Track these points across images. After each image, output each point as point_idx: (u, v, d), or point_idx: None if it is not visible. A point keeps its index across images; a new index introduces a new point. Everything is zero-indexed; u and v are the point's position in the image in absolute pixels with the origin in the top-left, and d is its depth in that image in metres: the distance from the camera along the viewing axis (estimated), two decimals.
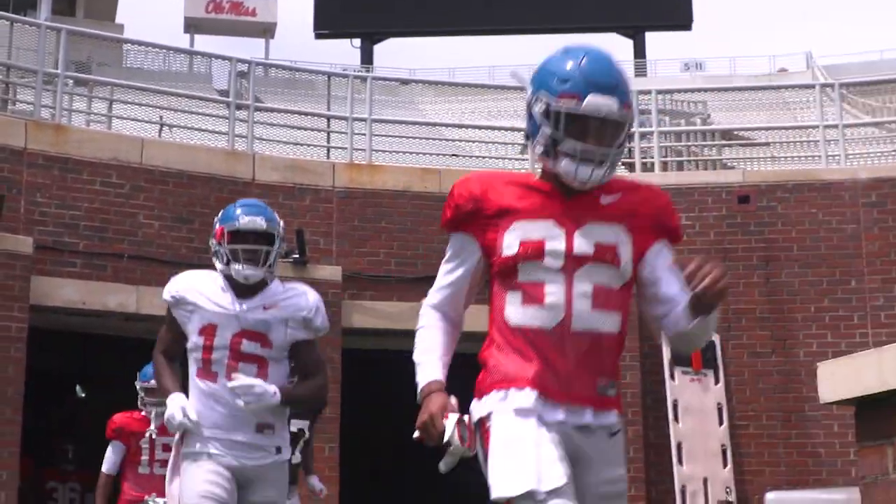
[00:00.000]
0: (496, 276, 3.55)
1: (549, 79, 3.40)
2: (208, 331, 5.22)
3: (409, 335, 13.22)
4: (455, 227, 3.70)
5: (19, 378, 11.08)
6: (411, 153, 14.98)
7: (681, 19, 42.45)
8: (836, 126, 14.31)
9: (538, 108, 3.43)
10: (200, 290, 5.32)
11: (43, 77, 12.98)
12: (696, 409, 12.69)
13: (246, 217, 5.39)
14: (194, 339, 5.25)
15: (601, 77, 3.32)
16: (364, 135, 13.99)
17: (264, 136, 14.61)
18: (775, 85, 26.05)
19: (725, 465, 12.60)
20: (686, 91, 21.51)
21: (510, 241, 3.43)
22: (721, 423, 12.70)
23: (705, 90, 22.53)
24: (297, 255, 12.27)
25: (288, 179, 13.08)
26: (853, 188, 13.19)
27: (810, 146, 15.20)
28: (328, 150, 14.84)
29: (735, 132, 17.75)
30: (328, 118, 15.48)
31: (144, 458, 8.32)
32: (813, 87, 17.01)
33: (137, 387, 8.81)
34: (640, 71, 42.17)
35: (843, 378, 3.39)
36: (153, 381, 8.75)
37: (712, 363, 12.84)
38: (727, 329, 12.97)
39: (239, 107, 13.93)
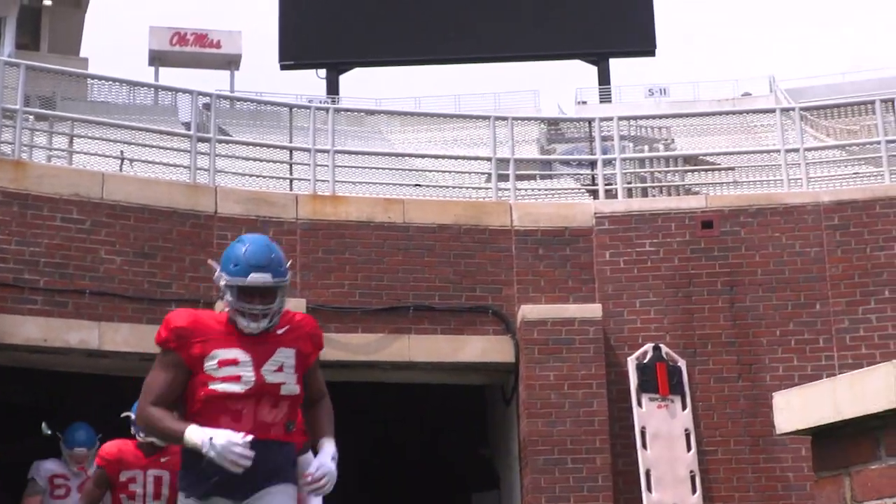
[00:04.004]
0: None
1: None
2: None
3: (375, 367, 13.14)
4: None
5: None
6: (374, 184, 14.96)
7: (644, 45, 42.71)
8: (797, 150, 14.37)
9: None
10: None
11: (3, 113, 12.90)
12: (664, 435, 12.68)
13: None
14: None
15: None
16: (327, 166, 13.96)
17: (227, 168, 14.55)
18: (736, 110, 26.20)
19: (694, 491, 12.57)
20: (649, 117, 21.58)
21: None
22: (689, 449, 12.68)
23: (667, 116, 22.62)
24: None
25: (250, 212, 13.02)
26: (816, 211, 13.23)
27: (772, 170, 15.26)
28: (291, 182, 14.79)
29: (699, 157, 17.81)
30: (291, 150, 15.43)
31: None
32: (773, 111, 17.07)
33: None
34: (605, 97, 42.41)
35: (798, 408, 3.37)
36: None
37: (679, 389, 12.83)
38: (693, 354, 12.98)
39: (201, 139, 13.87)
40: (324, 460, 5.02)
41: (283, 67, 42.89)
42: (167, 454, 8.12)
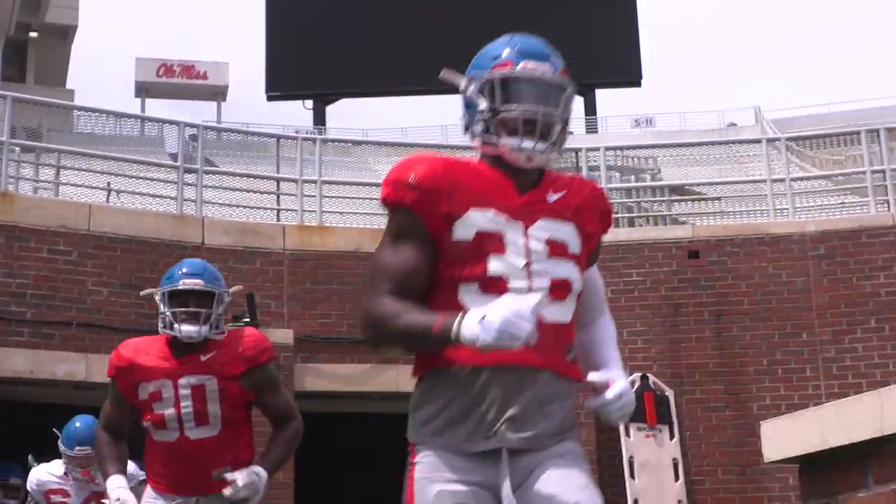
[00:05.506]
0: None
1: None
2: None
3: (363, 397, 13.12)
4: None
5: None
6: (362, 214, 14.97)
7: (630, 76, 42.81)
8: (783, 180, 14.42)
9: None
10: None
11: None
12: (652, 465, 12.66)
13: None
14: None
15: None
16: (314, 196, 13.98)
17: (214, 199, 14.56)
18: (723, 140, 26.26)
19: None
20: (635, 147, 21.65)
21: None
22: (677, 478, 12.67)
23: (654, 146, 22.67)
24: (247, 319, 12.19)
25: (238, 243, 13.02)
26: (802, 241, 13.28)
27: (759, 200, 15.30)
28: (278, 213, 14.79)
29: (685, 187, 17.86)
30: (278, 181, 15.45)
31: None
32: (760, 141, 17.13)
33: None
34: (591, 127, 42.49)
35: (785, 437, 3.38)
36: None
37: (667, 418, 12.83)
38: (680, 384, 12.98)
39: (188, 171, 13.89)
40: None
41: (269, 98, 42.90)
42: (211, 349, 5.34)
